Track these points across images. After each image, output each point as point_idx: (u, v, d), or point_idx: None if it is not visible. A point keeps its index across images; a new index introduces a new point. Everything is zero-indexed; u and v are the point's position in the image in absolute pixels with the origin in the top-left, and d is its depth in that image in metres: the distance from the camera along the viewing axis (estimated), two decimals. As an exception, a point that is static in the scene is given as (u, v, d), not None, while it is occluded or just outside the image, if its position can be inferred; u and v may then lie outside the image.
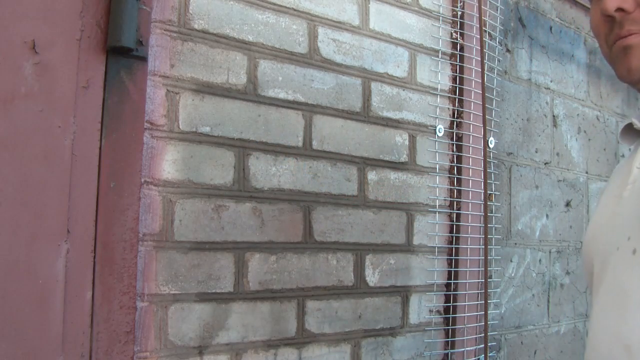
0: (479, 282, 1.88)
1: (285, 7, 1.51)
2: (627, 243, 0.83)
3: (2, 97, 1.09)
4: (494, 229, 1.99)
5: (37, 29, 1.13)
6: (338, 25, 1.61)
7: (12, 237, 1.09)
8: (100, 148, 1.20)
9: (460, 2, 1.90)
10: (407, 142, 1.74)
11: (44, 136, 1.13)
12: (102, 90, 1.21)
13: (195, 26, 1.37)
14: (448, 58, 1.87)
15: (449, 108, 1.87)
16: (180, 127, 1.34)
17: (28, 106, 1.12)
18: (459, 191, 1.86)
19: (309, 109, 1.54)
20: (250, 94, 1.44)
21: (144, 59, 1.26)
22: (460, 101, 1.88)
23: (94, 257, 1.18)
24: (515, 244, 2.11)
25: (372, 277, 1.64)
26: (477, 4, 1.91)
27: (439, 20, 1.85)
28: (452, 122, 1.87)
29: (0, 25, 1.10)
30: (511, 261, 2.09)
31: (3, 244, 1.08)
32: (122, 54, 1.22)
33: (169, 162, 1.32)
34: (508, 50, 2.13)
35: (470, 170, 1.88)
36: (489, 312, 1.86)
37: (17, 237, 1.09)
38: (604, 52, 0.90)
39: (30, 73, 1.12)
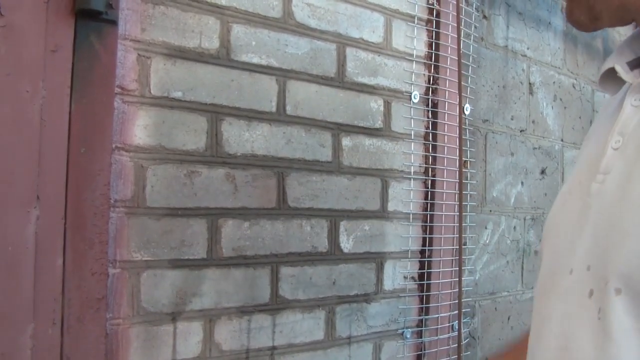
0: (453, 248, 1.89)
1: (259, -31, 1.49)
2: (584, 274, 0.57)
3: (-33, 61, 1.06)
4: (469, 196, 2.00)
5: (2, -10, 1.10)
6: (312, -11, 1.59)
7: (-20, 203, 1.07)
8: (70, 113, 1.17)
9: (437, -33, 1.88)
10: (382, 108, 1.73)
11: (11, 101, 1.10)
12: (72, 54, 1.18)
13: (166, -11, 1.34)
14: (424, 24, 1.86)
15: (424, 74, 1.86)
16: (152, 92, 1.31)
17: (-6, 70, 1.08)
18: (434, 158, 1.86)
19: (283, 74, 1.52)
20: (223, 58, 1.42)
21: (114, 23, 1.23)
22: (436, 67, 1.87)
23: (65, 224, 1.16)
24: (490, 211, 2.12)
25: (347, 244, 1.64)
26: (454, -31, 1.89)
27: (416, -15, 1.83)
28: (427, 89, 1.86)
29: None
30: (486, 228, 2.11)
31: (-31, 210, 1.06)
32: (91, 18, 1.19)
33: (141, 128, 1.30)
34: (485, 17, 2.11)
35: (446, 137, 1.88)
36: (463, 278, 1.88)
37: (-15, 204, 1.07)
38: None
39: (-5, 36, 1.09)
